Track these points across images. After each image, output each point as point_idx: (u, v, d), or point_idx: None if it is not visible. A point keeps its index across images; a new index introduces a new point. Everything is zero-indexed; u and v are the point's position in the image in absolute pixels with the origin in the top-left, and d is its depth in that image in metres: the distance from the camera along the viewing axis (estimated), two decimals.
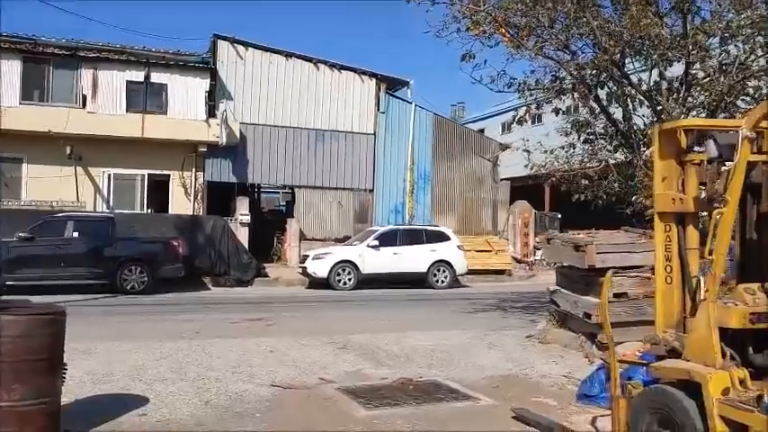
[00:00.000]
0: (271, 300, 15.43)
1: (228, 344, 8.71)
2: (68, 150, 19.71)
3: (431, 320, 11.80)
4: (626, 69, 9.33)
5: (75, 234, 16.04)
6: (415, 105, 25.24)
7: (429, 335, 9.82)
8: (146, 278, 16.16)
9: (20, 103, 19.84)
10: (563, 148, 10.50)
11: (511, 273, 23.35)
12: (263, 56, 23.11)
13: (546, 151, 10.44)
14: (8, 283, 15.09)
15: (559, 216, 31.29)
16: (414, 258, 19.14)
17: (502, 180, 27.30)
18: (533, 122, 41.51)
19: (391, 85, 25.32)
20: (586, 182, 9.76)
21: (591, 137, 10.23)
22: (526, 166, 10.51)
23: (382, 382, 6.96)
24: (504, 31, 8.62)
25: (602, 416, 5.82)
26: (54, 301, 14.04)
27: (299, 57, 23.57)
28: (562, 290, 9.30)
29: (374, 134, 24.53)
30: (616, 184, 9.28)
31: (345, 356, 8.22)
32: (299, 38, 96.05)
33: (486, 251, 23.13)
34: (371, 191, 24.57)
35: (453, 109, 47.20)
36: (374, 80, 24.56)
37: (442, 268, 19.52)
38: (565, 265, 9.36)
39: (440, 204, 25.70)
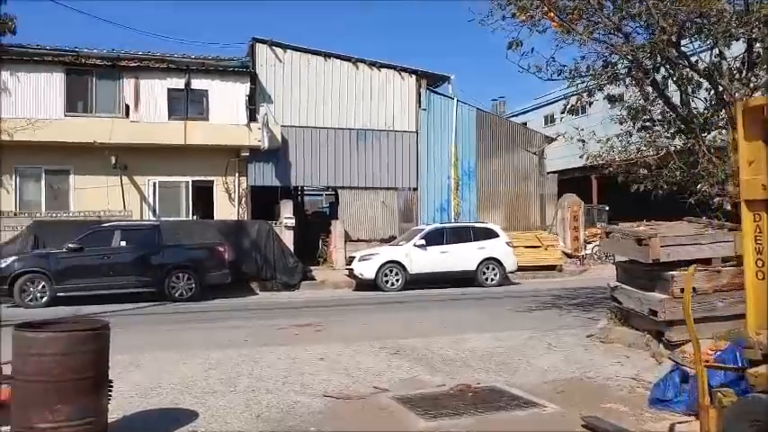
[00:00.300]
0: (318, 304, 15.22)
1: (278, 352, 8.46)
2: (113, 160, 19.83)
3: (484, 321, 11.39)
4: (682, 50, 8.78)
5: (123, 243, 16.08)
6: (457, 101, 24.80)
7: (484, 337, 9.44)
8: (193, 285, 16.12)
9: (64, 115, 20.05)
10: (618, 136, 9.99)
11: (562, 268, 22.75)
12: (302, 57, 22.95)
13: (600, 141, 9.91)
14: (59, 294, 15.23)
15: (607, 209, 30.55)
16: (462, 257, 18.73)
17: (548, 173, 26.67)
18: (576, 114, 40.81)
19: (432, 82, 24.91)
20: (645, 171, 9.23)
21: (647, 123, 9.70)
22: (581, 156, 10.00)
23: (439, 389, 6.61)
24: (552, 15, 8.17)
25: (680, 422, 5.39)
26: (103, 310, 14.12)
27: (337, 56, 23.35)
28: (623, 286, 8.81)
29: (416, 132, 24.17)
30: (678, 173, 8.73)
31: (399, 362, 7.89)
32: (334, 39, 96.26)
33: (535, 247, 22.57)
34: (416, 189, 24.21)
35: (494, 104, 46.57)
36: (414, 77, 24.20)
37: (491, 266, 19.06)
38: (626, 259, 8.88)
39: (486, 201, 25.20)
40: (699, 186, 8.43)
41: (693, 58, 9.31)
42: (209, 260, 16.61)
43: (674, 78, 8.85)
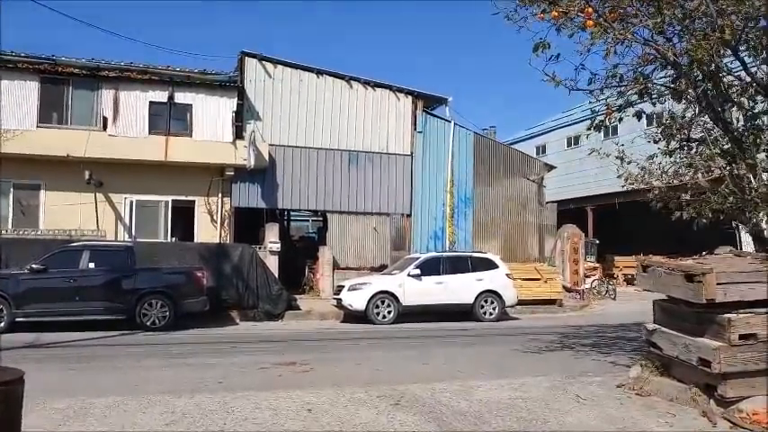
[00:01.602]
0: (304, 337, 13.85)
1: (257, 399, 7.10)
2: (87, 175, 18.47)
3: (493, 363, 10.08)
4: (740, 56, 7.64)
5: (91, 265, 14.70)
6: (455, 124, 23.72)
7: (498, 384, 8.13)
8: (167, 312, 14.75)
9: (37, 126, 18.78)
10: (652, 157, 8.80)
11: (562, 303, 21.54)
12: (293, 73, 21.82)
13: (630, 163, 8.72)
14: (18, 319, 13.80)
15: (597, 242, 29.62)
16: (459, 288, 17.49)
17: (547, 203, 25.56)
18: (570, 144, 39.89)
19: (428, 103, 23.88)
20: (687, 197, 8.05)
21: (684, 143, 8.55)
22: (619, 176, 8.80)
23: None
24: (590, 10, 7.04)
25: None
26: (65, 339, 12.69)
27: (330, 74, 22.25)
28: (664, 329, 7.55)
29: (411, 155, 23.03)
30: (731, 198, 7.54)
31: (402, 416, 6.56)
32: (327, 60, 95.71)
33: (534, 279, 21.35)
34: (409, 216, 22.99)
35: (485, 133, 45.75)
36: (410, 98, 23.14)
37: (489, 299, 17.81)
38: (667, 298, 7.64)
39: (482, 229, 24.01)
40: (756, 214, 7.23)
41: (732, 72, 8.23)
42: (186, 286, 15.26)
43: (722, 91, 7.69)
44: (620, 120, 8.73)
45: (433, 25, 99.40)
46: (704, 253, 24.73)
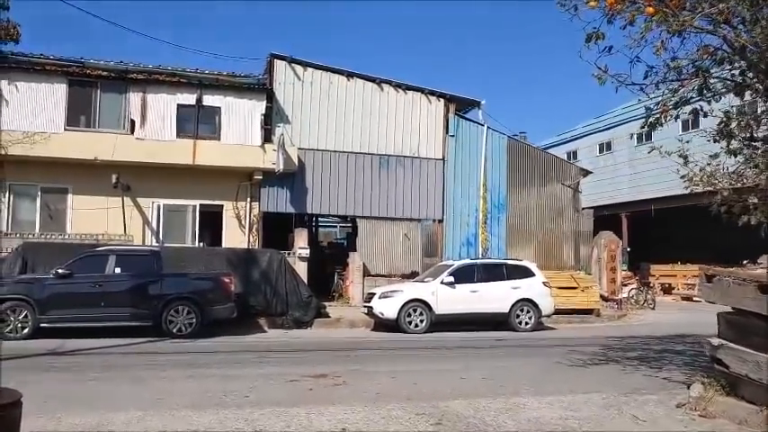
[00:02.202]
0: (334, 346, 13.32)
1: (287, 416, 6.59)
2: (114, 179, 18.18)
3: (536, 377, 9.45)
4: None
5: (117, 270, 14.34)
6: (488, 128, 23.09)
7: (545, 401, 7.52)
8: (194, 319, 14.35)
9: (65, 129, 18.53)
10: (715, 156, 8.10)
11: (599, 313, 20.75)
12: (323, 76, 21.38)
13: (690, 162, 8.04)
14: (42, 324, 13.49)
15: (629, 249, 28.88)
16: (494, 297, 16.85)
17: (583, 209, 24.78)
18: (602, 150, 39.04)
19: (461, 107, 23.28)
20: (755, 200, 7.37)
21: (749, 142, 7.85)
22: (682, 177, 8.13)
23: None
24: None
25: None
26: (90, 345, 12.32)
27: (360, 77, 21.77)
28: (731, 345, 6.89)
29: (443, 159, 22.45)
30: None
31: None
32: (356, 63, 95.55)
33: (571, 288, 20.61)
34: (441, 221, 22.39)
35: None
36: (442, 101, 22.56)
37: (525, 308, 17.14)
38: (733, 310, 6.97)
39: (516, 236, 23.32)
40: None
41: None
42: (213, 292, 14.83)
43: None
44: (677, 118, 8.07)
45: (467, 27, 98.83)
46: (745, 262, 23.56)
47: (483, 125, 23.05)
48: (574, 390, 8.28)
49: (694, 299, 28.74)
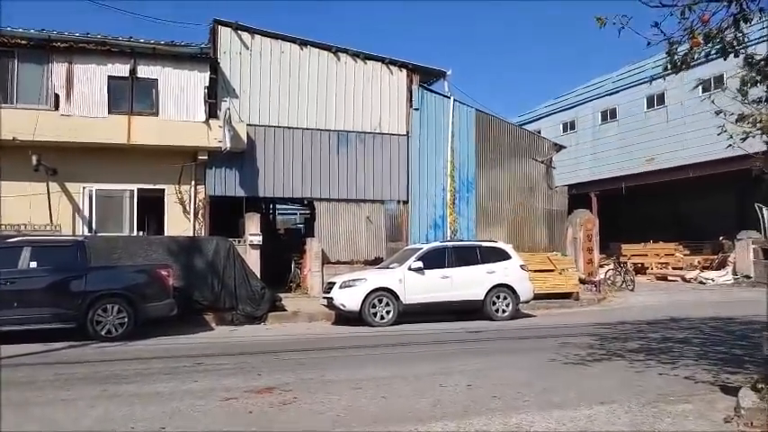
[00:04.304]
0: (289, 346, 11.48)
1: None
2: (35, 160, 15.96)
3: (532, 381, 7.73)
4: None
5: (33, 264, 12.22)
6: (454, 100, 21.36)
7: (554, 419, 5.83)
8: (125, 319, 12.34)
9: None
10: (759, 101, 6.48)
11: (578, 296, 19.28)
12: (273, 44, 19.35)
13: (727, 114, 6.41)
14: None
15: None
16: (468, 283, 15.23)
17: (557, 187, 23.29)
18: (567, 130, 38.14)
19: (425, 78, 21.51)
20: None
21: None
22: (720, 134, 6.50)
23: None
24: None
25: None
26: (5, 354, 10.30)
27: (315, 45, 19.81)
28: None
29: (407, 135, 20.67)
30: None
31: None
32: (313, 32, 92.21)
33: (548, 270, 19.10)
34: (406, 202, 20.64)
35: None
36: (405, 71, 20.76)
37: (502, 294, 15.53)
38: None
39: (486, 216, 21.71)
40: None
41: None
42: (148, 287, 12.84)
43: None
44: (708, 55, 6.41)
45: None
46: (721, 238, 22.27)
47: (449, 97, 21.31)
48: (583, 398, 6.60)
49: (669, 278, 27.65)
